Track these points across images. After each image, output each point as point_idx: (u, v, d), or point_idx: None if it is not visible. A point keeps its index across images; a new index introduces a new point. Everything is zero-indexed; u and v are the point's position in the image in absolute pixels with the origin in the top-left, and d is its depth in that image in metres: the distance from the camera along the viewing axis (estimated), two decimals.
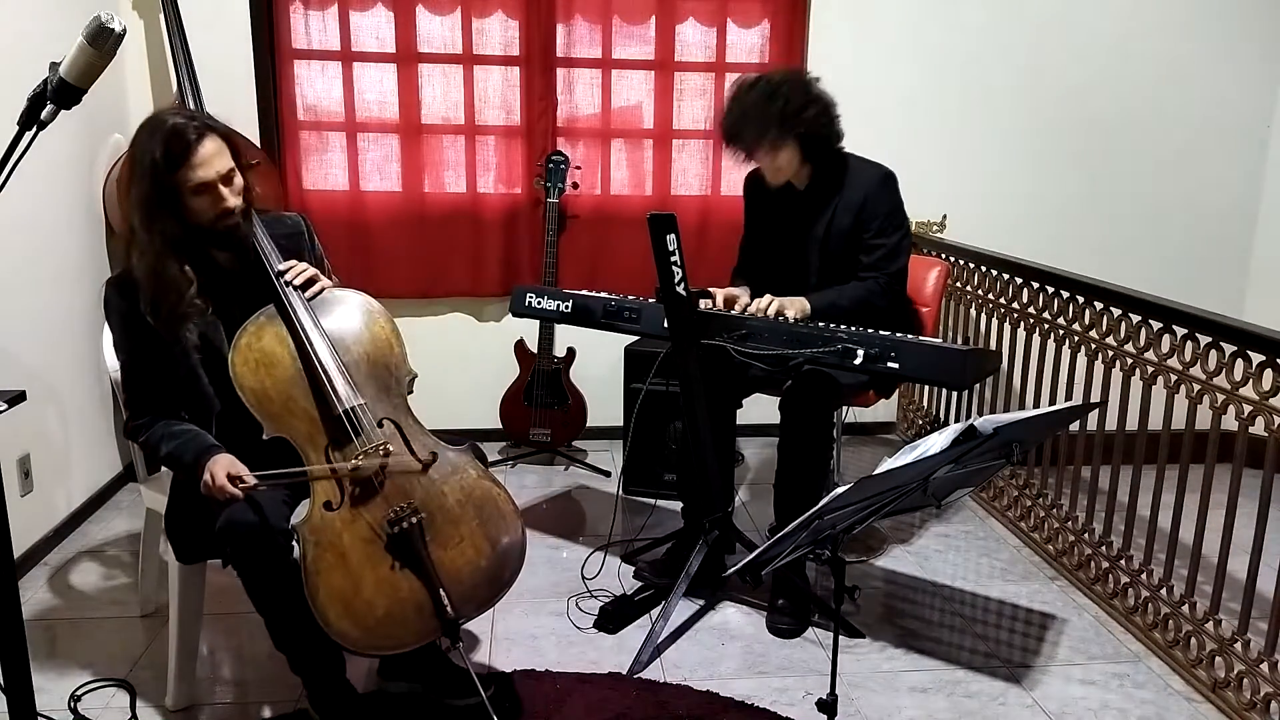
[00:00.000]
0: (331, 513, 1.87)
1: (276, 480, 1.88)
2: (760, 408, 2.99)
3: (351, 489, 1.90)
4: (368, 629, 1.84)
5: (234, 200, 1.90)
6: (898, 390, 3.75)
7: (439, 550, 1.92)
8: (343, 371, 1.95)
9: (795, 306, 2.46)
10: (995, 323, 3.29)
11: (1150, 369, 2.51)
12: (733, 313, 2.46)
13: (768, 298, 2.47)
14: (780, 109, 2.47)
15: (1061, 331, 2.89)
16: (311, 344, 1.94)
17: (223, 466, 1.85)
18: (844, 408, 2.93)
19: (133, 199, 1.86)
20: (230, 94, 3.39)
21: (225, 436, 1.97)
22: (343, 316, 2.03)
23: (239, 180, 1.93)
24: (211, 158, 1.85)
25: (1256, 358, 2.17)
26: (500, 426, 3.65)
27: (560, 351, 3.59)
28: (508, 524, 2.02)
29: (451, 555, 1.94)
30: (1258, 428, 2.17)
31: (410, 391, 2.08)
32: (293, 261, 2.03)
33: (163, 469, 2.40)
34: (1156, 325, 2.48)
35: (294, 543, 1.86)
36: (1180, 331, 2.40)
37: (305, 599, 1.83)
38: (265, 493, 1.87)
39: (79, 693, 2.20)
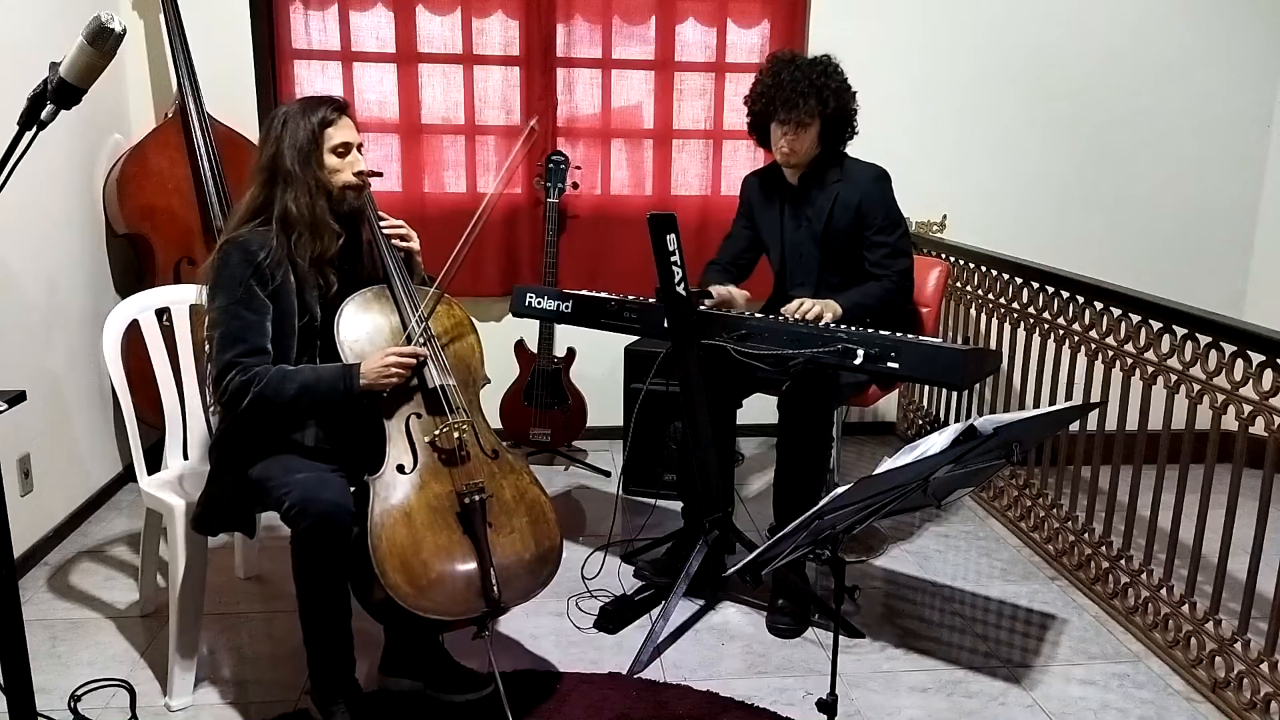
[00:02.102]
0: (404, 475, 1.99)
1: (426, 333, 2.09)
2: (760, 407, 2.99)
3: (427, 457, 2.02)
4: (419, 588, 1.91)
5: (364, 165, 2.11)
6: (898, 388, 3.75)
7: (493, 534, 2.02)
8: (436, 355, 2.10)
9: (830, 311, 2.47)
10: (995, 323, 3.29)
11: (1150, 369, 2.51)
12: (741, 314, 2.46)
13: (809, 302, 2.46)
14: (834, 87, 2.57)
15: (1061, 331, 2.89)
16: (411, 324, 2.09)
17: (380, 356, 1.98)
18: (844, 407, 2.94)
19: (288, 150, 2.03)
20: (230, 94, 3.40)
21: None
22: (439, 311, 2.20)
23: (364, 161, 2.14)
24: (352, 127, 2.11)
25: (1256, 358, 2.17)
26: (500, 426, 3.65)
27: (560, 351, 3.59)
28: (551, 530, 2.13)
29: (503, 541, 2.04)
30: (1258, 428, 2.17)
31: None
32: (393, 220, 2.21)
33: (161, 470, 2.41)
34: (1156, 325, 2.48)
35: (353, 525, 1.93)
36: (1180, 331, 2.40)
37: (348, 583, 1.93)
38: (330, 474, 1.95)
39: (79, 693, 2.19)
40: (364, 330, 2.07)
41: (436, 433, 2.03)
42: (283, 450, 2.02)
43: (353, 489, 1.99)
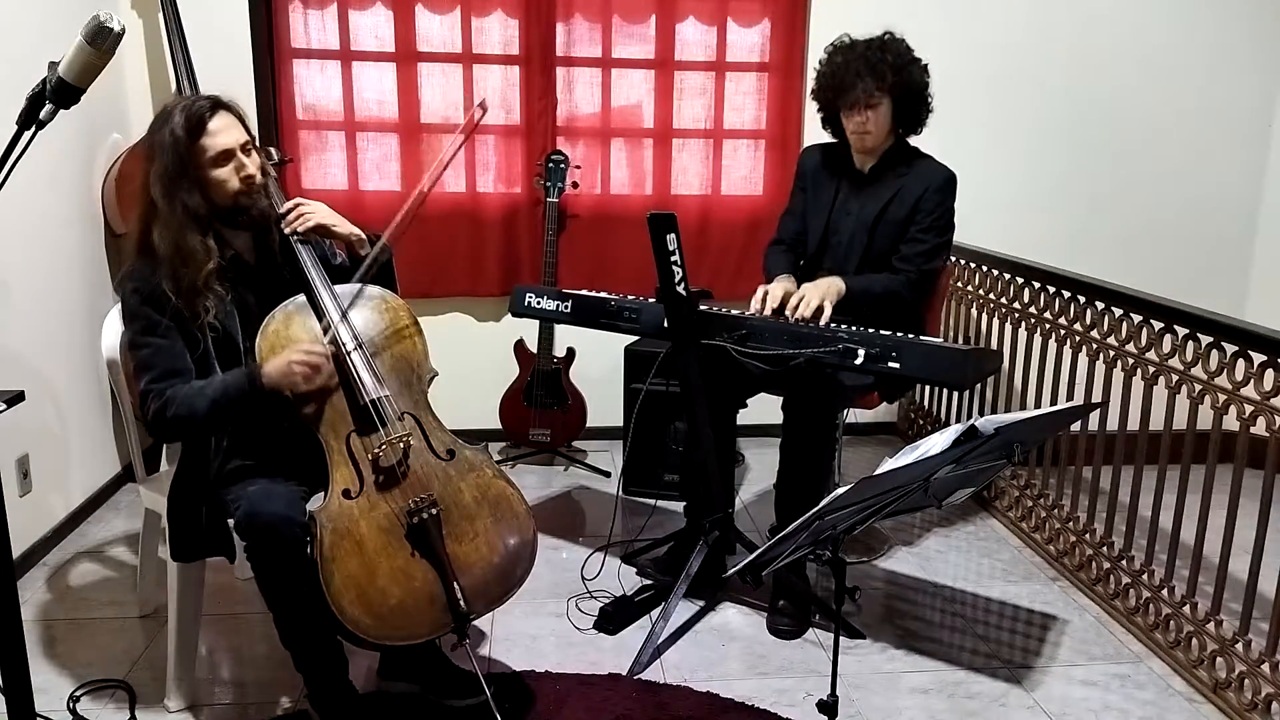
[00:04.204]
0: (350, 500, 1.90)
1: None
2: (761, 408, 2.98)
3: (373, 477, 1.93)
4: (380, 617, 1.86)
5: (254, 169, 1.96)
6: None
7: (453, 544, 1.95)
8: (368, 364, 1.98)
9: (830, 293, 2.44)
10: (996, 323, 3.28)
11: (1151, 369, 2.50)
12: (740, 314, 2.45)
13: (810, 293, 2.42)
14: (893, 61, 2.55)
15: (1063, 331, 2.89)
16: (339, 335, 1.96)
17: (287, 356, 1.88)
18: (846, 408, 2.93)
19: (154, 176, 1.90)
20: (230, 93, 3.32)
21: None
22: (370, 311, 2.07)
23: (256, 155, 1.99)
24: (228, 127, 1.94)
25: (1258, 358, 2.17)
26: (500, 427, 3.65)
27: (560, 351, 3.58)
28: (520, 524, 2.05)
29: (465, 550, 1.96)
30: (1259, 428, 2.16)
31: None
32: (293, 202, 2.04)
33: (161, 469, 2.40)
34: (1158, 325, 2.48)
35: (308, 537, 1.86)
36: (1181, 331, 2.40)
37: (317, 594, 1.84)
38: (281, 486, 1.90)
39: (78, 693, 2.19)
40: (282, 347, 1.94)
41: (378, 450, 1.92)
42: (247, 469, 1.97)
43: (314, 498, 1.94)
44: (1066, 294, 2.85)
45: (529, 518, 2.07)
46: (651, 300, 2.51)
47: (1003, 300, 3.23)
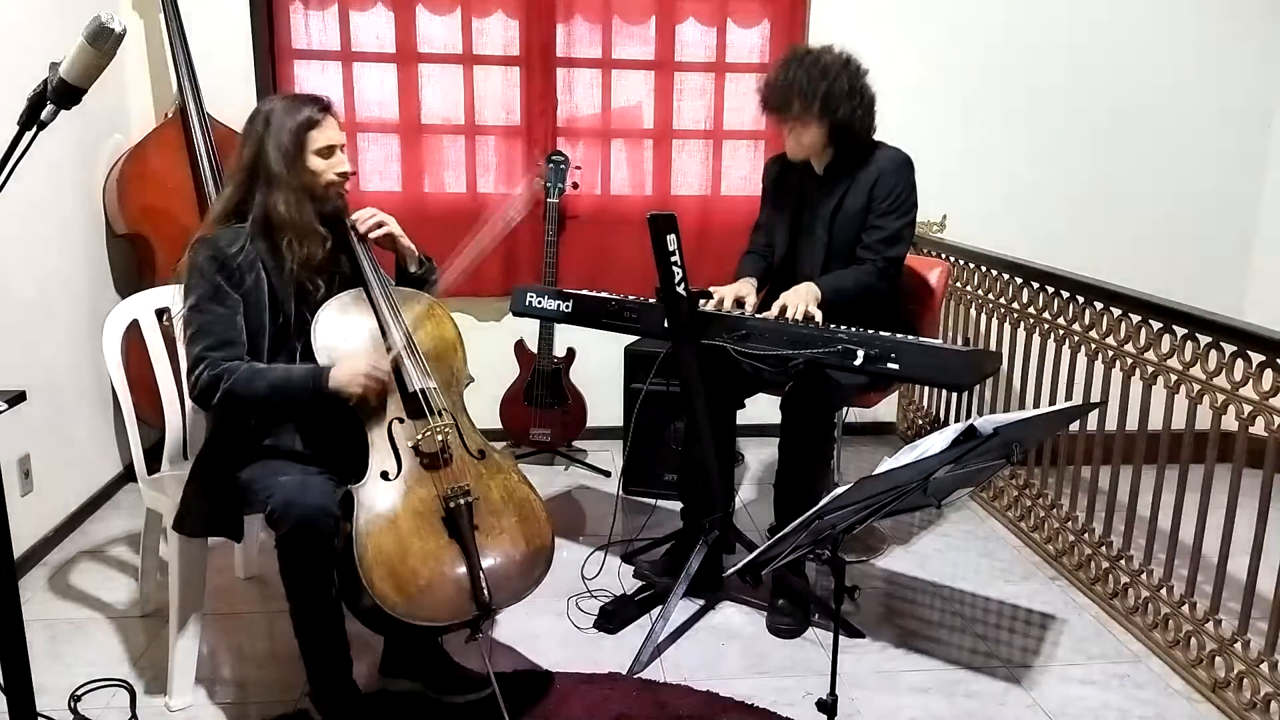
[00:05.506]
0: (387, 482, 1.97)
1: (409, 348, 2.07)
2: (761, 408, 2.99)
3: (411, 462, 2.00)
4: (409, 596, 1.89)
5: (347, 167, 2.10)
6: (897, 389, 3.75)
7: (480, 536, 2.00)
8: (417, 358, 2.07)
9: (808, 298, 2.43)
10: (995, 323, 3.29)
11: (1150, 369, 2.51)
12: (741, 314, 2.45)
13: (791, 301, 2.42)
14: (826, 90, 2.49)
15: (1061, 332, 2.89)
16: (390, 328, 2.06)
17: (353, 364, 1.96)
18: (845, 408, 2.93)
19: (272, 153, 1.99)
20: (230, 94, 3.39)
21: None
22: (418, 313, 2.18)
23: None
24: (336, 127, 2.09)
25: (1256, 358, 2.17)
26: (500, 426, 3.65)
27: (560, 351, 3.59)
28: (541, 529, 2.11)
29: (492, 543, 2.02)
30: (1258, 428, 2.17)
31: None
32: (361, 214, 2.17)
33: (162, 469, 2.41)
34: (1157, 325, 2.48)
35: (339, 523, 1.91)
36: (1180, 331, 2.40)
37: (346, 581, 1.90)
38: (315, 476, 1.94)
39: (79, 693, 2.20)
40: (341, 336, 2.04)
41: (419, 437, 2.00)
42: (271, 453, 2.01)
43: (343, 490, 1.97)
44: (1066, 294, 2.85)
45: (549, 525, 2.13)
46: (651, 300, 2.51)
47: (1002, 300, 3.23)
